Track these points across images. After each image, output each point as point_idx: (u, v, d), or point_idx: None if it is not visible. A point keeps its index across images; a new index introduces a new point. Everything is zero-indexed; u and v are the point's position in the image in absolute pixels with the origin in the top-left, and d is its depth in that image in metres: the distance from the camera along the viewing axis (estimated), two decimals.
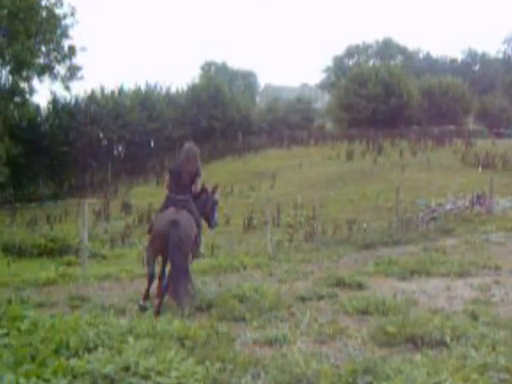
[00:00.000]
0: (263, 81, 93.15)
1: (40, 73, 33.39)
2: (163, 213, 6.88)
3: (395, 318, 5.38)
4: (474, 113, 50.84)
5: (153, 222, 7.32)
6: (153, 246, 6.80)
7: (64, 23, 33.73)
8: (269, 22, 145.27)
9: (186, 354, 4.10)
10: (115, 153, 41.46)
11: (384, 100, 43.87)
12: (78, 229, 11.66)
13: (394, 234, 14.00)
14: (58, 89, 52.66)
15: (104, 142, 40.67)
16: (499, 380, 3.86)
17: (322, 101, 64.54)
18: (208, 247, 12.70)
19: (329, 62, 71.50)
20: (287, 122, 46.48)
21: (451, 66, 65.51)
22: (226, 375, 3.99)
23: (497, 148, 29.70)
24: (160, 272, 6.87)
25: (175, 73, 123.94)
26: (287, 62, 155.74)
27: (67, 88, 35.87)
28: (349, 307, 6.18)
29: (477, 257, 10.24)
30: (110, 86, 43.17)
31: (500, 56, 66.37)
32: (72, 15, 33.84)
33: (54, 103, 39.88)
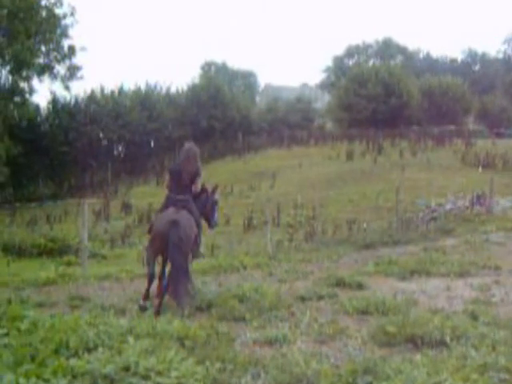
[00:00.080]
0: (263, 81, 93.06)
1: (40, 73, 33.39)
2: (163, 213, 6.87)
3: (395, 318, 5.38)
4: (474, 113, 50.83)
5: (153, 222, 7.32)
6: (153, 246, 6.80)
7: (64, 23, 33.78)
8: (269, 22, 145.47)
9: (186, 354, 4.10)
10: (115, 153, 41.46)
11: (384, 100, 43.87)
12: (78, 229, 11.65)
13: (394, 234, 13.99)
14: (58, 89, 52.64)
15: (104, 142, 40.68)
16: (499, 380, 3.86)
17: (322, 101, 64.56)
18: (208, 247, 12.70)
19: (329, 62, 71.69)
20: (287, 122, 46.46)
21: (451, 66, 65.51)
22: (226, 375, 3.99)
23: (497, 148, 29.69)
24: (160, 272, 6.87)
25: (175, 73, 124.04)
26: (287, 62, 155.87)
27: (67, 88, 35.94)
28: (349, 307, 6.18)
29: (477, 257, 10.24)
30: (110, 86, 43.45)
31: (500, 56, 66.41)
32: (72, 15, 33.91)
33: (54, 103, 39.87)
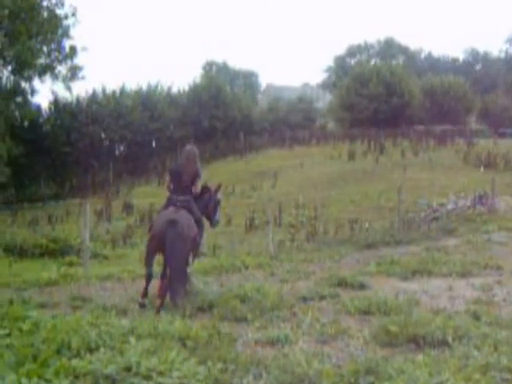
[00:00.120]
0: (265, 80, 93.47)
1: (41, 73, 33.36)
2: (162, 212, 6.93)
3: (397, 318, 5.38)
4: (476, 112, 50.77)
5: (153, 222, 7.35)
6: (151, 245, 6.83)
7: (65, 23, 33.72)
8: (270, 22, 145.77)
9: (188, 355, 4.11)
10: (117, 153, 41.52)
11: (386, 100, 43.85)
12: (80, 229, 11.64)
13: (396, 234, 13.96)
14: (60, 89, 52.76)
15: (105, 142, 40.75)
16: (501, 380, 3.87)
17: (324, 100, 64.54)
18: (210, 247, 12.71)
19: (330, 62, 71.73)
20: (289, 122, 46.46)
21: (453, 66, 65.45)
22: (228, 375, 3.99)
23: (499, 148, 29.64)
24: (161, 272, 6.87)
25: (176, 73, 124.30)
26: (289, 62, 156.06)
27: (68, 88, 35.86)
28: (351, 307, 6.18)
29: (479, 257, 10.23)
30: (112, 86, 43.41)
31: (502, 55, 66.26)
32: (73, 15, 33.80)
33: (56, 103, 39.95)
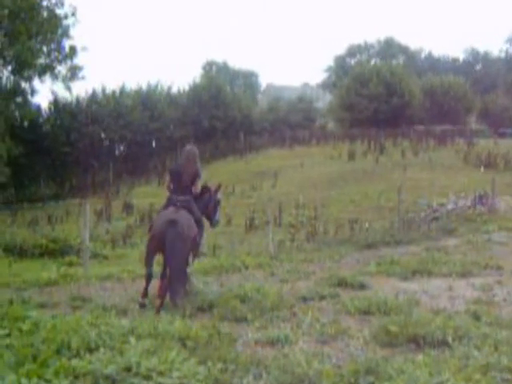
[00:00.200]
0: (265, 80, 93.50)
1: (41, 73, 33.35)
2: (162, 212, 6.93)
3: (397, 318, 5.38)
4: (476, 112, 50.77)
5: (153, 222, 7.35)
6: (150, 245, 6.83)
7: (65, 23, 33.71)
8: (270, 22, 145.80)
9: (188, 355, 4.10)
10: (117, 153, 41.50)
11: (386, 100, 43.85)
12: (80, 229, 11.64)
13: (396, 234, 13.96)
14: (60, 89, 52.71)
15: (105, 142, 40.74)
16: (502, 380, 3.86)
17: (324, 100, 64.54)
18: (210, 247, 12.71)
19: (330, 62, 71.69)
20: (289, 122, 46.46)
21: (453, 66, 65.43)
22: (228, 375, 3.99)
23: (499, 148, 29.64)
24: (161, 272, 6.87)
25: (176, 72, 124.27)
26: (289, 62, 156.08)
27: (68, 88, 35.84)
28: (351, 307, 6.18)
29: (479, 257, 10.23)
30: (112, 86, 43.57)
31: (502, 55, 66.23)
32: (73, 15, 33.80)
33: (56, 103, 39.93)
